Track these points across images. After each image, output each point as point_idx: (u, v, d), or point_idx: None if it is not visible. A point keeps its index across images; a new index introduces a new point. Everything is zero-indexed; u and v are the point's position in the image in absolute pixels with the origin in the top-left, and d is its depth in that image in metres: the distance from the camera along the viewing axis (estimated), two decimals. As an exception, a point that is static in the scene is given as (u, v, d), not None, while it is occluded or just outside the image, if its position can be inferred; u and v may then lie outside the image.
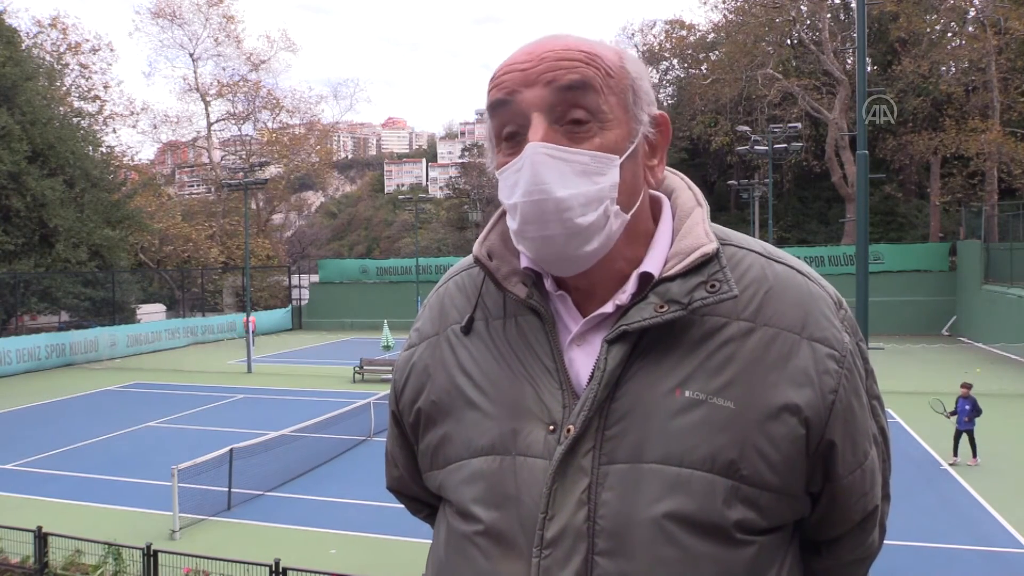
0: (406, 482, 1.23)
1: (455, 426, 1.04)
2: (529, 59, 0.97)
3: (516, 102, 0.96)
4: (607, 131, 0.96)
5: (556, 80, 0.95)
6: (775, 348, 0.96)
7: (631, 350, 0.96)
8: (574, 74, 0.95)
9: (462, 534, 1.01)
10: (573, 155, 0.94)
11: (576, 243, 0.95)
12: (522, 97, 0.96)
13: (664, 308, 0.95)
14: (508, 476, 0.97)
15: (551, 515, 0.93)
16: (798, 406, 0.95)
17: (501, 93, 0.98)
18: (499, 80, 0.98)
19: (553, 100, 0.95)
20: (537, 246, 0.97)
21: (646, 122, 1.01)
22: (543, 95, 0.95)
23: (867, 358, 1.04)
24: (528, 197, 0.94)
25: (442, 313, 1.13)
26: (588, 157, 0.94)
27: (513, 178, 0.96)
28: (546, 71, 0.95)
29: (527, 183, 0.93)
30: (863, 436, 1.02)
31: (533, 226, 0.95)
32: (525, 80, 0.96)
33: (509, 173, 0.97)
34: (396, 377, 1.16)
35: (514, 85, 0.96)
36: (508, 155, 0.98)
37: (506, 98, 0.97)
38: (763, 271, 1.01)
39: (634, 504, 0.92)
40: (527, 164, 0.93)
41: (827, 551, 1.10)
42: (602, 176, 0.95)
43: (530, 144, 0.94)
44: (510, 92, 0.97)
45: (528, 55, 0.97)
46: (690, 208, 1.06)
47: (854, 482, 1.02)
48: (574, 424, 0.94)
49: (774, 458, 0.94)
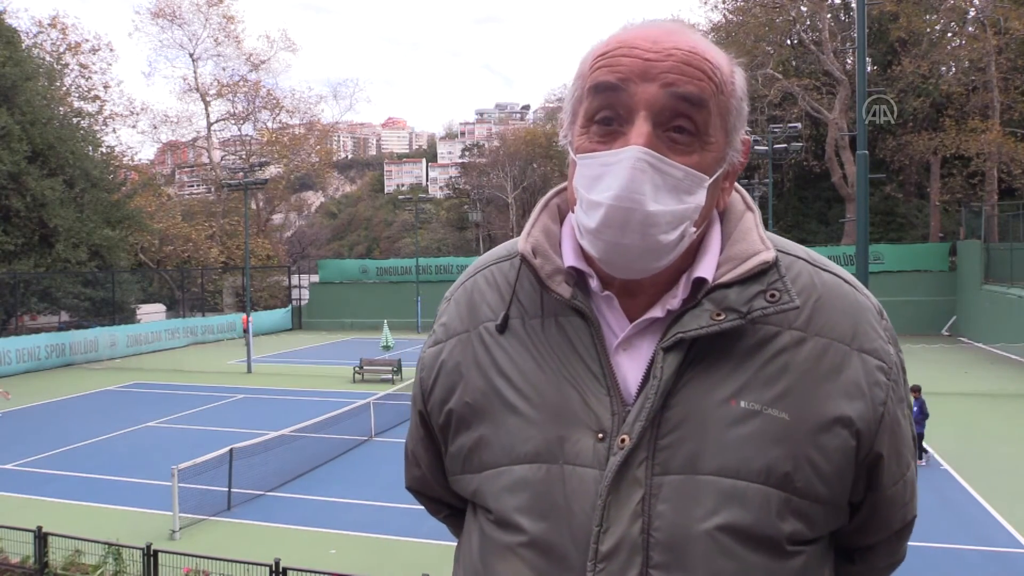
0: (428, 483, 1.19)
1: (493, 430, 1.00)
2: (655, 50, 0.90)
3: (629, 93, 0.90)
4: (706, 151, 0.92)
5: (676, 85, 0.89)
6: (827, 359, 0.94)
7: (683, 358, 0.93)
8: (695, 86, 0.90)
9: (504, 545, 0.97)
10: (672, 168, 0.90)
11: (649, 258, 0.92)
12: (637, 89, 0.90)
13: (721, 316, 0.92)
14: (556, 486, 0.94)
15: (606, 527, 0.90)
16: (850, 418, 0.93)
17: (614, 77, 0.91)
18: (615, 60, 0.92)
19: (665, 104, 0.90)
20: (609, 250, 0.93)
21: (738, 148, 0.98)
22: (658, 96, 0.89)
23: (905, 369, 1.03)
24: (618, 202, 0.89)
25: (472, 309, 1.08)
26: (683, 173, 0.90)
27: (599, 171, 0.91)
28: (669, 71, 0.89)
29: (621, 187, 0.89)
30: (907, 448, 1.02)
31: (613, 231, 0.90)
32: (645, 72, 0.90)
33: (595, 163, 0.92)
34: (423, 375, 1.11)
35: (631, 73, 0.90)
36: (598, 142, 0.93)
37: (619, 84, 0.91)
38: (812, 279, 0.99)
39: (689, 516, 0.90)
40: (625, 167, 0.89)
41: (860, 558, 1.09)
42: (690, 196, 0.91)
43: (634, 147, 0.89)
44: (624, 79, 0.90)
45: (654, 43, 0.91)
46: (740, 212, 1.03)
47: (896, 493, 1.02)
48: (629, 434, 0.91)
49: (825, 470, 0.93)
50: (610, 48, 0.93)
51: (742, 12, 41.19)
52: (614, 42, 0.93)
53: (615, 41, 0.93)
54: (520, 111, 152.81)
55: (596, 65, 0.93)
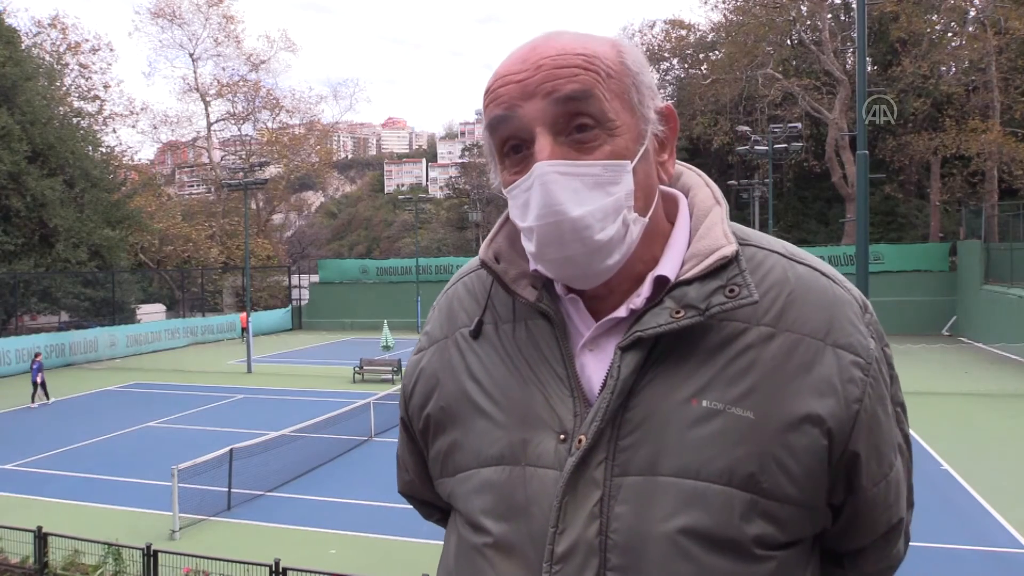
0: (417, 487, 1.20)
1: (464, 434, 1.01)
2: (524, 68, 0.91)
3: (517, 117, 0.91)
4: (615, 137, 0.91)
5: (556, 91, 0.89)
6: (797, 355, 0.92)
7: (646, 357, 0.92)
8: (574, 83, 0.89)
9: (472, 545, 0.98)
10: (584, 168, 0.90)
11: (598, 259, 0.91)
12: (523, 111, 0.91)
13: (680, 314, 0.91)
14: (518, 487, 0.94)
15: (562, 529, 0.90)
16: (820, 416, 0.90)
17: (500, 109, 0.92)
18: (495, 93, 0.93)
19: (555, 112, 0.90)
20: (558, 267, 0.93)
21: (653, 119, 0.97)
22: (544, 108, 0.90)
23: (892, 364, 1.00)
24: (543, 220, 0.89)
25: (450, 316, 1.10)
26: (600, 168, 0.90)
27: (523, 197, 0.92)
28: (544, 81, 0.90)
29: (540, 205, 0.89)
30: (888, 447, 0.97)
31: (552, 248, 0.91)
32: (523, 92, 0.91)
33: (518, 192, 0.92)
34: (405, 382, 1.14)
35: (512, 99, 0.91)
36: (515, 173, 0.93)
37: (506, 113, 0.92)
38: (785, 273, 0.96)
39: (648, 519, 0.88)
40: (537, 185, 0.89)
41: (850, 563, 1.06)
42: (616, 185, 0.91)
43: (538, 164, 0.89)
44: (509, 107, 0.91)
45: (523, 63, 0.92)
46: (708, 207, 1.02)
47: (878, 494, 0.98)
48: (586, 434, 0.91)
49: (795, 470, 0.90)
50: (491, 85, 0.94)
51: (742, 12, 41.18)
52: (493, 78, 0.95)
53: (493, 76, 0.95)
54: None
55: (486, 104, 0.95)
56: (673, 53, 49.52)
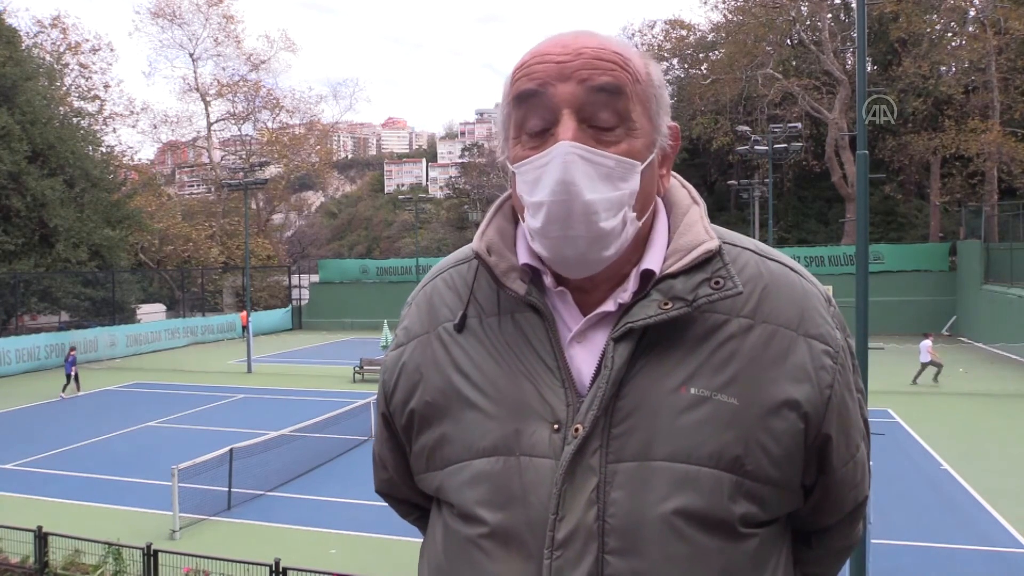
0: (396, 485, 1.22)
1: (453, 427, 1.02)
2: (565, 52, 0.95)
3: (548, 95, 0.94)
4: (633, 138, 0.96)
5: (591, 79, 0.93)
6: (774, 344, 0.98)
7: (635, 348, 0.96)
8: (609, 76, 0.94)
9: (465, 537, 1.00)
10: (602, 158, 0.93)
11: (597, 247, 0.95)
12: (555, 91, 0.94)
13: (668, 305, 0.95)
14: (513, 477, 0.96)
15: (561, 515, 0.93)
16: (798, 401, 0.96)
17: (532, 83, 0.95)
18: (530, 68, 0.96)
19: (585, 99, 0.93)
20: (559, 246, 0.96)
21: (664, 133, 1.01)
22: (576, 92, 0.93)
23: (854, 353, 1.06)
24: (556, 196, 0.92)
25: (431, 310, 1.11)
26: (614, 161, 0.94)
27: (535, 174, 0.95)
28: (582, 67, 0.93)
29: (555, 181, 0.92)
30: (855, 430, 1.05)
31: (558, 226, 0.94)
32: (560, 73, 0.94)
33: (530, 168, 0.95)
34: (385, 378, 1.14)
35: (547, 77, 0.94)
36: (531, 149, 0.96)
37: (538, 89, 0.95)
38: (758, 268, 1.02)
39: (644, 502, 0.92)
40: (557, 163, 0.92)
41: (817, 541, 1.13)
42: (624, 182, 0.95)
43: (562, 143, 0.92)
44: (542, 83, 0.94)
45: (564, 48, 0.95)
46: (687, 205, 1.06)
47: (847, 474, 1.05)
48: (582, 423, 0.94)
49: (776, 453, 0.96)
50: (525, 60, 0.97)
51: (742, 12, 41.19)
52: (528, 55, 0.98)
53: (529, 54, 0.98)
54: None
55: (516, 77, 0.98)
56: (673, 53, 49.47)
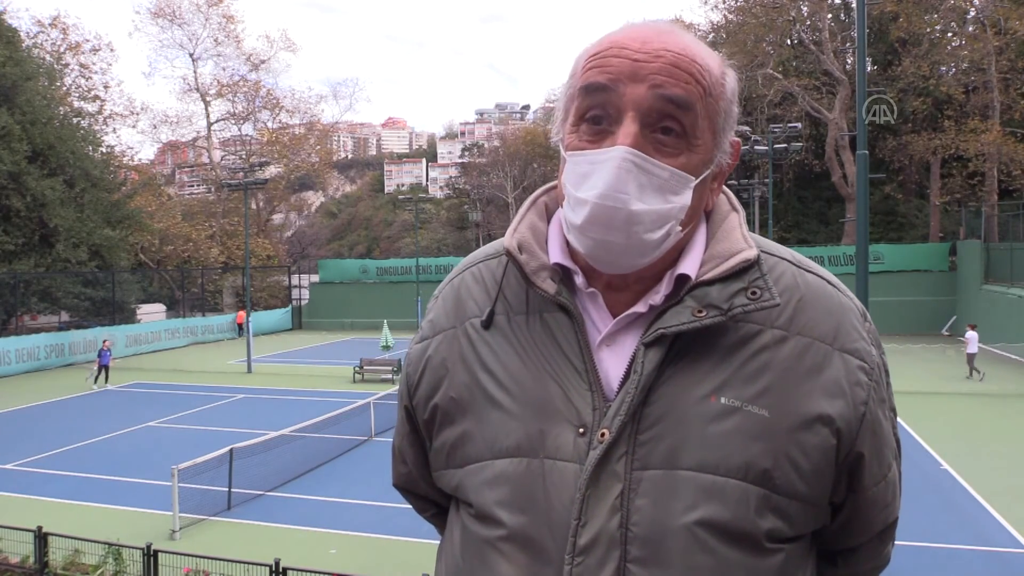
0: (414, 480, 1.19)
1: (476, 424, 1.01)
2: (644, 50, 0.92)
3: (618, 93, 0.91)
4: (693, 153, 0.94)
5: (664, 87, 0.91)
6: (808, 358, 0.95)
7: (665, 354, 0.94)
8: (682, 89, 0.91)
9: (483, 539, 0.98)
10: (657, 168, 0.91)
11: (632, 254, 0.93)
12: (625, 90, 0.91)
13: (703, 313, 0.93)
14: (536, 479, 0.94)
15: (584, 521, 0.91)
16: (831, 417, 0.94)
17: (603, 77, 0.92)
18: (605, 59, 0.93)
19: (653, 105, 0.91)
20: (593, 246, 0.94)
21: (726, 149, 0.99)
22: (646, 97, 0.91)
23: (888, 371, 1.03)
24: (603, 200, 0.90)
25: (458, 305, 1.09)
26: (669, 173, 0.92)
27: (587, 169, 0.93)
28: (657, 72, 0.91)
29: (606, 186, 0.90)
30: (888, 448, 1.02)
31: (598, 228, 0.92)
32: (634, 73, 0.91)
33: (583, 162, 0.93)
34: (409, 371, 1.12)
35: (620, 74, 0.91)
36: (587, 140, 0.94)
37: (608, 85, 0.92)
38: (795, 280, 1.00)
39: (668, 511, 0.90)
40: (611, 166, 0.90)
41: (843, 561, 1.10)
42: (676, 196, 0.93)
43: (620, 147, 0.90)
44: (613, 80, 0.91)
45: (643, 44, 0.92)
46: (725, 212, 1.04)
47: (878, 494, 1.03)
48: (609, 428, 0.92)
49: (805, 468, 0.93)
50: (602, 48, 0.94)
51: (742, 12, 41.19)
52: (606, 42, 0.95)
53: (607, 41, 0.95)
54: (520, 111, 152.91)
55: (588, 65, 0.95)
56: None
